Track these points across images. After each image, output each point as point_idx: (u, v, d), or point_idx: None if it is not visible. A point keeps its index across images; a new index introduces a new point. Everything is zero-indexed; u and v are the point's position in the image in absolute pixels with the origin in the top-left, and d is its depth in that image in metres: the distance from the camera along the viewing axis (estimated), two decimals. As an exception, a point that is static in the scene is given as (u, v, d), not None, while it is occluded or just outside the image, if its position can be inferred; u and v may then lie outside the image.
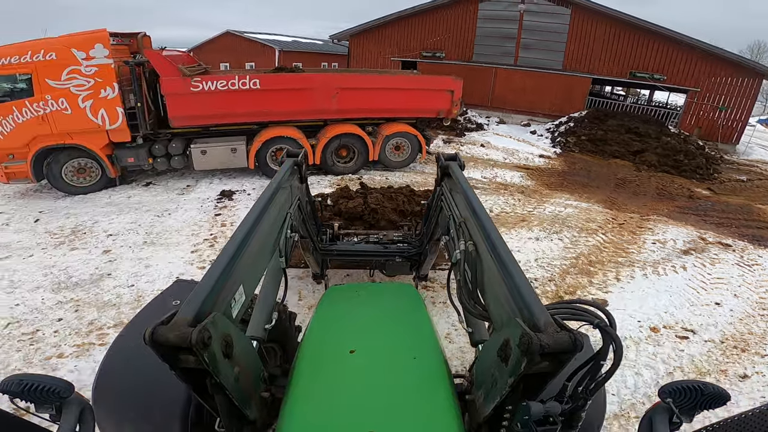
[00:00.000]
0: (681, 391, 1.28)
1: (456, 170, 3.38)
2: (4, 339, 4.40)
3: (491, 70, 19.64)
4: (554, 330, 1.36)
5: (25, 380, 1.21)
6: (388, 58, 21.74)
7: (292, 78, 9.37)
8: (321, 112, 9.65)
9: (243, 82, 8.48)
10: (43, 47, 7.20)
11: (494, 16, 18.92)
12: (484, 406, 1.64)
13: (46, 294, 5.18)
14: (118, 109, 7.79)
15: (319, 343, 2.14)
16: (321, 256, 4.68)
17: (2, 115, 7.40)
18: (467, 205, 2.61)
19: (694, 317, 5.49)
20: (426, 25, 20.67)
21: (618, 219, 8.64)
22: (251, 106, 8.80)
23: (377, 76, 11.00)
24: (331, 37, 23.75)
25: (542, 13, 17.98)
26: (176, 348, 1.28)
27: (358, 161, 10.15)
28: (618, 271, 6.50)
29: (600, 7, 16.98)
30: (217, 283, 1.60)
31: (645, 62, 17.15)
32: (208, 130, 9.02)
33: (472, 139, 14.83)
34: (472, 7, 19.23)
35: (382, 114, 10.22)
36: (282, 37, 36.30)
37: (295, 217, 3.19)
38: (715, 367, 4.64)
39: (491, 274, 1.95)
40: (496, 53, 19.40)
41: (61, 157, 7.95)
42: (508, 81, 19.47)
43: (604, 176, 12.22)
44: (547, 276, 6.14)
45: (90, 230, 6.76)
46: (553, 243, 7.20)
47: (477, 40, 19.66)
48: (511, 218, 8.08)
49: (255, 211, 2.30)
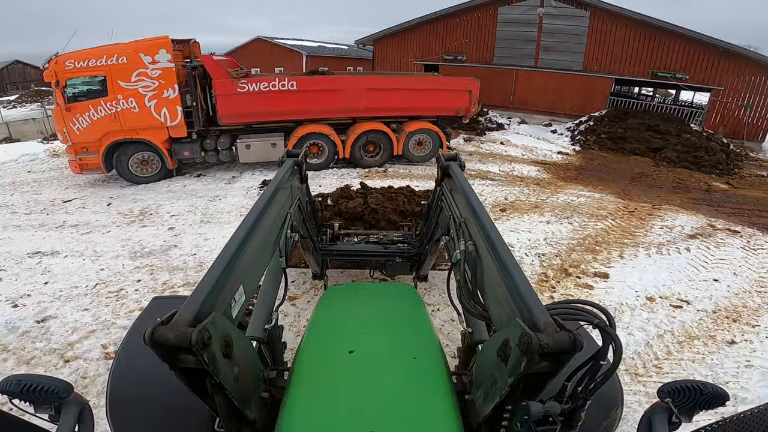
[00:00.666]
0: (680, 391, 1.28)
1: (456, 170, 3.34)
2: (95, 296, 5.38)
3: (512, 72, 20.22)
4: (554, 330, 1.37)
5: (24, 380, 1.21)
6: (411, 61, 22.63)
7: (324, 80, 10.38)
8: (350, 110, 10.61)
9: (282, 83, 9.54)
10: (116, 52, 8.43)
11: (514, 20, 19.54)
12: (484, 405, 1.65)
13: (125, 261, 6.24)
14: (177, 107, 8.97)
15: (318, 343, 2.14)
16: (321, 256, 4.68)
17: (80, 112, 8.67)
18: (467, 206, 2.59)
19: (690, 290, 5.92)
20: (447, 30, 21.46)
21: (629, 207, 9.14)
22: (289, 105, 9.84)
23: (401, 77, 11.92)
24: (356, 42, 24.88)
25: (561, 15, 18.48)
26: (176, 348, 1.28)
27: (383, 156, 11.06)
28: (622, 250, 7.05)
29: (618, 9, 17.36)
30: (217, 283, 1.60)
31: (666, 62, 17.37)
32: (250, 127, 10.12)
33: (492, 138, 15.50)
34: (492, 11, 19.91)
35: (405, 112, 11.12)
36: (308, 43, 37.73)
37: (296, 217, 3.20)
38: (705, 333, 5.02)
39: (491, 274, 1.95)
40: (517, 55, 19.98)
41: (129, 150, 9.21)
42: (528, 82, 20.00)
43: (621, 171, 12.64)
44: (554, 252, 6.80)
45: (155, 212, 7.90)
46: (562, 226, 7.83)
47: (497, 43, 20.30)
48: (525, 205, 8.76)
49: (255, 210, 2.29)
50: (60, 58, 8.38)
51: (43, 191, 9.41)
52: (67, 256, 6.35)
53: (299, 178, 3.77)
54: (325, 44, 39.42)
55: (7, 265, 6.10)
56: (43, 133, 21.99)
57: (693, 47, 16.76)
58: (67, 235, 7.04)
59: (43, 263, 6.15)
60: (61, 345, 4.46)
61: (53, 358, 4.27)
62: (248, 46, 36.87)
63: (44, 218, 7.79)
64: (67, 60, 8.34)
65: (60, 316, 4.93)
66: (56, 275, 5.85)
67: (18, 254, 6.41)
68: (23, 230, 7.30)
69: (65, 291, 5.48)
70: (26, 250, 6.54)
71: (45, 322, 4.83)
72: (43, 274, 5.87)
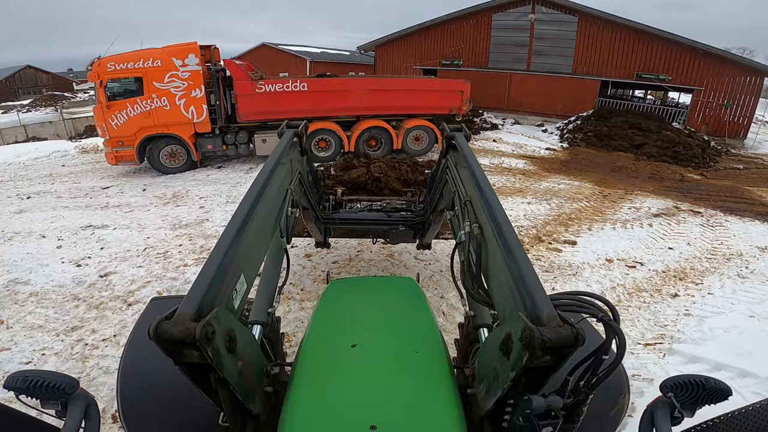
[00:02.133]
0: (682, 386, 1.29)
1: (462, 142, 3.16)
2: (145, 257, 6.47)
3: (506, 76, 21.38)
4: (557, 324, 1.36)
5: (30, 376, 1.21)
6: (411, 66, 23.82)
7: (332, 82, 11.67)
8: (355, 109, 11.84)
9: (295, 85, 10.78)
10: (152, 56, 9.67)
11: (507, 26, 20.72)
12: (486, 399, 1.66)
13: (167, 231, 7.36)
14: (203, 106, 10.19)
15: (321, 338, 2.15)
16: (323, 224, 4.67)
17: (118, 110, 9.88)
18: (473, 182, 2.49)
19: (645, 255, 6.86)
20: (445, 36, 22.66)
21: (604, 193, 10.22)
22: (300, 104, 11.05)
23: (400, 79, 13.21)
24: (358, 48, 26.09)
25: (551, 21, 19.65)
26: (180, 343, 1.28)
27: (384, 149, 12.26)
28: (591, 225, 8.09)
29: (605, 14, 18.53)
30: (217, 274, 1.58)
31: (650, 64, 18.42)
32: (266, 124, 11.33)
33: (486, 136, 16.67)
34: (486, 18, 21.11)
35: (404, 111, 12.34)
36: (312, 49, 38.96)
37: (296, 191, 3.13)
38: (652, 287, 5.72)
39: (496, 259, 1.93)
40: (510, 60, 21.13)
41: (160, 144, 10.44)
42: (522, 85, 21.14)
43: (603, 164, 13.70)
44: (530, 225, 7.89)
45: (186, 195, 9.07)
46: (541, 206, 8.93)
47: (492, 48, 21.47)
48: (510, 190, 9.88)
49: (253, 191, 2.20)
50: (102, 60, 9.59)
51: (81, 181, 10.58)
52: (116, 228, 7.49)
53: (299, 151, 3.65)
54: (328, 50, 40.67)
55: (64, 236, 7.22)
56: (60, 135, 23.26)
57: (675, 50, 17.84)
58: (112, 213, 8.19)
59: (96, 234, 7.27)
60: (124, 293, 5.49)
61: (117, 303, 5.27)
62: (254, 52, 38.18)
63: (88, 201, 8.96)
64: (109, 62, 9.56)
65: (119, 272, 6.01)
66: (109, 242, 6.96)
67: (72, 227, 7.54)
68: (72, 210, 8.45)
69: (119, 254, 6.58)
70: (79, 224, 7.68)
71: (107, 277, 5.90)
72: (98, 242, 6.98)
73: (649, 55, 18.38)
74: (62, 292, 5.56)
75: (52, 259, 6.41)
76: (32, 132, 24.95)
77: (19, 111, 31.77)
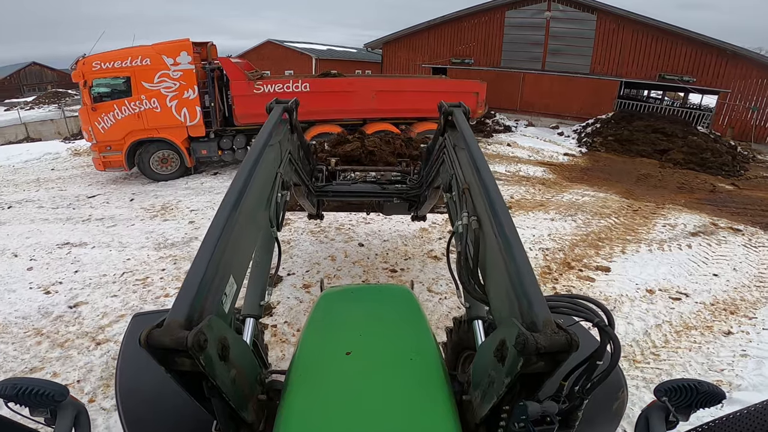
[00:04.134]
0: (677, 390, 1.29)
1: (461, 120, 2.99)
2: (122, 284, 5.72)
3: (519, 75, 20.46)
4: (552, 330, 1.35)
5: (19, 384, 1.20)
6: (419, 64, 22.96)
7: (337, 82, 10.78)
8: (361, 111, 10.99)
9: (296, 85, 9.95)
10: (140, 54, 8.87)
11: (521, 24, 19.81)
12: (481, 406, 1.64)
13: (150, 252, 6.60)
14: (197, 108, 9.40)
15: (314, 346, 2.12)
16: (316, 197, 4.53)
17: (105, 112, 9.12)
18: (472, 168, 2.38)
19: (690, 284, 6.11)
20: (455, 33, 21.77)
21: (633, 207, 9.36)
22: (302, 106, 10.14)
23: (410, 79, 12.31)
24: (365, 45, 25.31)
25: (568, 19, 18.71)
26: (172, 351, 1.26)
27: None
28: (624, 246, 7.29)
29: (625, 12, 17.55)
30: (205, 277, 1.53)
31: (674, 65, 17.49)
32: (264, 127, 10.51)
33: (499, 140, 15.77)
34: (499, 15, 20.20)
35: (413, 114, 11.46)
36: (318, 46, 38.16)
37: (286, 172, 3.02)
38: (702, 324, 5.17)
39: (494, 256, 1.88)
40: (524, 59, 20.22)
41: (150, 148, 9.65)
42: (536, 85, 20.22)
43: (627, 172, 12.83)
44: (557, 247, 7.06)
45: (176, 206, 8.31)
46: (566, 223, 8.09)
47: (504, 47, 20.56)
48: (530, 203, 9.02)
49: (238, 182, 2.09)
50: (87, 59, 8.83)
51: (67, 187, 9.87)
52: (94, 247, 6.74)
53: (289, 128, 3.43)
54: (334, 47, 39.89)
55: (38, 255, 6.49)
56: (61, 133, 22.65)
57: (700, 50, 16.88)
58: (93, 227, 7.45)
59: (73, 254, 6.53)
60: (93, 328, 4.78)
61: (85, 341, 4.58)
62: (259, 49, 37.44)
63: (71, 212, 8.22)
64: (94, 61, 8.80)
65: (91, 302, 5.28)
66: (85, 265, 6.23)
67: (48, 245, 6.81)
68: (51, 223, 7.73)
69: (94, 279, 5.85)
70: (55, 241, 6.95)
71: (77, 308, 5.18)
72: (73, 263, 6.26)
73: (672, 56, 17.43)
74: (25, 325, 4.89)
75: (21, 284, 5.71)
76: (33, 130, 24.41)
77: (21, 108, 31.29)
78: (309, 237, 6.90)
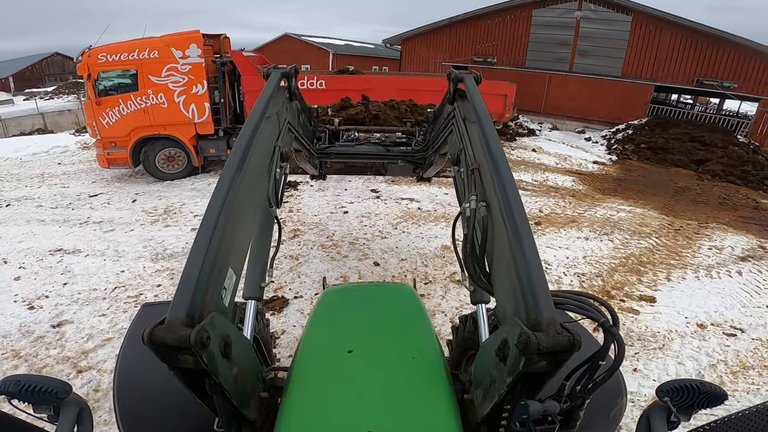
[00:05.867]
0: (678, 390, 1.28)
1: (472, 89, 2.75)
2: (113, 301, 5.19)
3: (545, 76, 19.55)
4: (555, 329, 1.33)
5: (22, 381, 1.20)
6: (439, 62, 22.17)
7: (354, 79, 10.13)
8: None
9: (311, 82, 9.32)
10: (148, 46, 8.34)
11: (549, 23, 18.90)
12: (483, 405, 1.62)
13: (147, 263, 6.06)
14: (205, 104, 8.83)
15: (317, 344, 2.11)
16: (317, 158, 4.40)
17: (109, 107, 8.63)
18: (483, 146, 2.19)
19: (744, 318, 5.48)
20: (478, 31, 20.92)
21: (674, 225, 8.56)
22: (317, 104, 9.58)
23: (432, 78, 11.50)
24: (384, 41, 24.60)
25: (600, 19, 17.76)
26: (175, 348, 1.26)
27: (412, 160, 10.68)
28: (669, 272, 6.56)
29: (663, 14, 16.54)
30: (202, 271, 1.48)
31: (713, 70, 16.45)
32: (277, 126, 9.94)
33: (523, 144, 14.94)
34: (526, 13, 19.32)
35: (436, 115, 10.72)
36: (335, 41, 37.62)
37: (286, 143, 2.87)
38: (760, 363, 4.69)
39: (502, 246, 1.80)
40: (550, 59, 19.31)
41: (156, 146, 9.13)
42: (562, 87, 19.30)
43: (663, 184, 11.95)
44: (594, 272, 6.33)
45: (179, 210, 7.77)
46: (602, 243, 7.33)
47: (530, 46, 19.67)
48: (561, 219, 8.26)
49: (233, 164, 1.96)
50: (93, 51, 8.35)
51: (70, 184, 9.44)
52: (88, 255, 6.25)
53: (288, 96, 3.25)
54: (352, 42, 39.30)
55: (28, 263, 6.02)
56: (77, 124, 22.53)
57: (742, 55, 15.81)
58: (90, 232, 6.96)
59: (64, 262, 6.05)
60: (75, 353, 4.29)
61: (66, 367, 4.10)
62: (276, 43, 37.05)
63: (69, 213, 7.76)
64: (100, 53, 8.31)
65: (76, 321, 4.78)
66: (76, 276, 5.74)
67: (40, 251, 6.33)
68: (47, 225, 7.27)
69: (83, 293, 5.35)
70: (48, 247, 6.46)
71: (61, 327, 4.68)
72: (63, 274, 5.77)
73: (711, 60, 16.39)
74: (3, 345, 4.42)
75: (5, 296, 5.26)
76: (51, 120, 24.40)
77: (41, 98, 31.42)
78: (320, 252, 6.27)
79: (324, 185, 9.21)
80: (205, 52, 8.86)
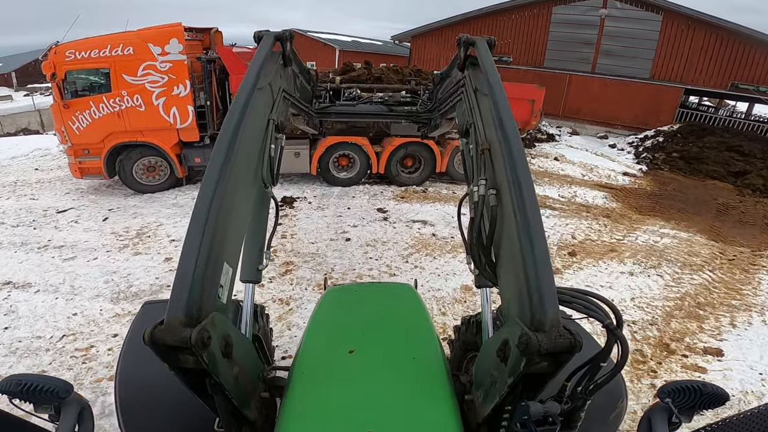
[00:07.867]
0: (680, 391, 1.26)
1: (485, 57, 2.45)
2: (57, 354, 4.20)
3: (564, 77, 18.30)
4: (557, 331, 1.31)
5: (23, 380, 1.21)
6: (449, 60, 21.00)
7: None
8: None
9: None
10: (122, 41, 7.22)
11: (570, 21, 17.67)
12: (483, 406, 1.61)
13: (105, 304, 5.01)
14: (189, 107, 7.72)
15: (318, 343, 2.12)
16: (317, 118, 4.30)
17: (80, 110, 7.54)
18: (495, 122, 1.98)
19: None
20: (492, 28, 19.67)
21: (726, 254, 7.39)
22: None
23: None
24: (392, 37, 23.47)
25: (627, 18, 16.50)
26: (176, 348, 1.25)
27: (423, 172, 9.52)
28: (733, 315, 5.50)
29: (696, 13, 15.29)
30: (197, 268, 1.43)
31: (750, 73, 15.18)
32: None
33: (544, 152, 13.74)
34: (545, 10, 18.08)
35: (451, 121, 9.59)
36: (342, 37, 36.60)
37: (281, 113, 2.73)
38: None
39: (510, 237, 1.68)
40: (571, 59, 18.08)
41: (133, 154, 8.03)
42: (583, 89, 18.04)
43: (702, 200, 10.73)
44: (647, 319, 5.22)
45: (154, 233, 6.68)
46: (651, 279, 6.19)
47: (549, 45, 18.43)
48: (598, 247, 7.10)
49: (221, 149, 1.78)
50: (60, 47, 7.28)
51: (41, 196, 8.42)
52: (39, 291, 5.22)
53: (282, 62, 3.03)
54: (359, 39, 38.19)
55: (-30, 298, 5.01)
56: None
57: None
58: (47, 260, 5.91)
59: (10, 300, 5.05)
60: None
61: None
62: (282, 40, 36.07)
63: (30, 233, 6.72)
64: (68, 50, 7.23)
65: (6, 384, 3.75)
66: (20, 318, 4.74)
67: (-14, 282, 5.31)
68: (2, 249, 6.24)
69: (23, 343, 4.37)
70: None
71: (-14, 391, 3.65)
72: (6, 315, 4.79)
73: (748, 63, 15.16)
74: None
75: (-74, 344, 4.24)
76: (47, 117, 23.55)
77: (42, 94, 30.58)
78: (315, 295, 5.07)
79: (324, 203, 8.09)
80: (190, 48, 7.76)
